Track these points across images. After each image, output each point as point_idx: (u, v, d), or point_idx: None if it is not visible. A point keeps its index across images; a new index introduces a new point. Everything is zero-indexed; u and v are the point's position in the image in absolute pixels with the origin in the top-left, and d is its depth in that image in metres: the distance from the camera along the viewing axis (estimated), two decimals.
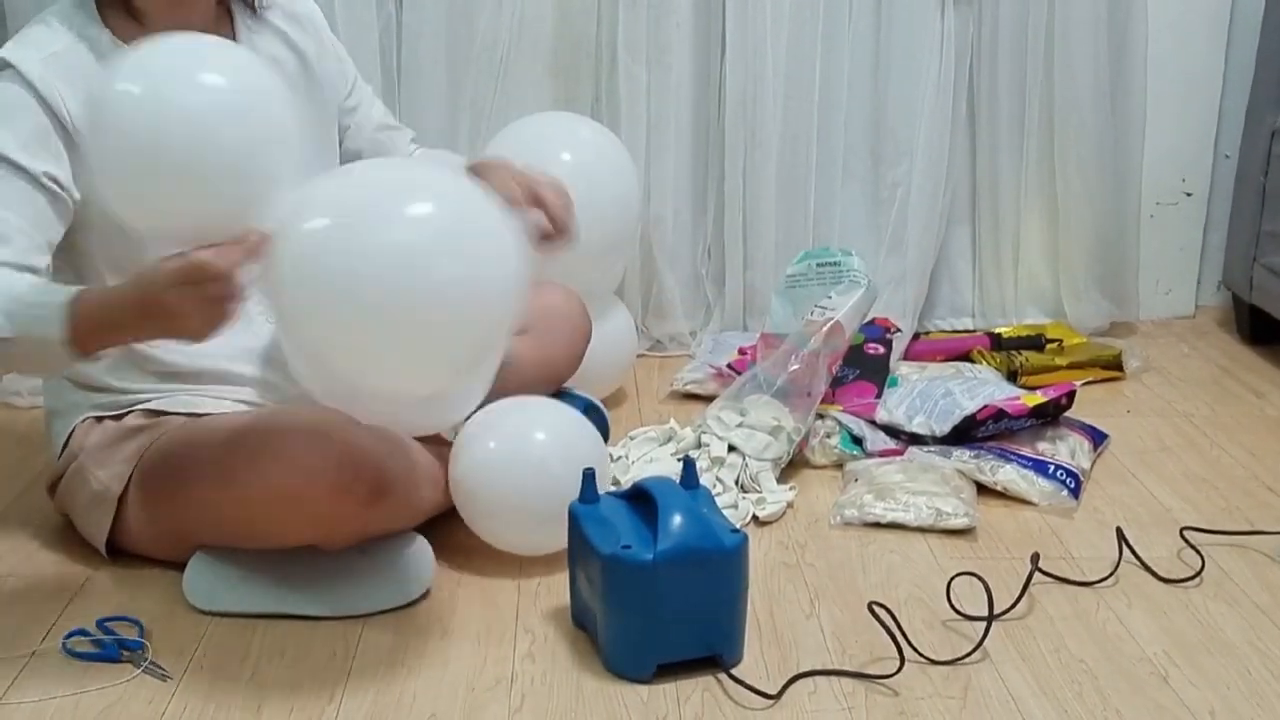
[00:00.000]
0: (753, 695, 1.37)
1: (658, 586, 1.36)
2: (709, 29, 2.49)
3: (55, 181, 1.48)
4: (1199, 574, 1.63)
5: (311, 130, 1.67)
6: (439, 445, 1.72)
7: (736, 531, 1.41)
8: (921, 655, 1.44)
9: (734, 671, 1.40)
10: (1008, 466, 1.88)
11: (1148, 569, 1.64)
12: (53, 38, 1.52)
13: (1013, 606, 1.53)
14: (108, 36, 1.54)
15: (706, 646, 1.40)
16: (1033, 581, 1.58)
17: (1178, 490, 1.91)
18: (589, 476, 1.48)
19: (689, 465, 1.51)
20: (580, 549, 1.45)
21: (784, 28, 2.46)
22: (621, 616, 1.40)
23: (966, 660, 1.44)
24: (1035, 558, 1.61)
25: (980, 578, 1.53)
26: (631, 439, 2.00)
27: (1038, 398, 1.96)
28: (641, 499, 1.45)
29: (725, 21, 2.45)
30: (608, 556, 1.37)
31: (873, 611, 1.45)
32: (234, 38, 1.65)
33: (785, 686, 1.38)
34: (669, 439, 1.99)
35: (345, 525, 1.50)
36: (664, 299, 2.54)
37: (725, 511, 1.73)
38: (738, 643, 1.43)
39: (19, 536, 1.74)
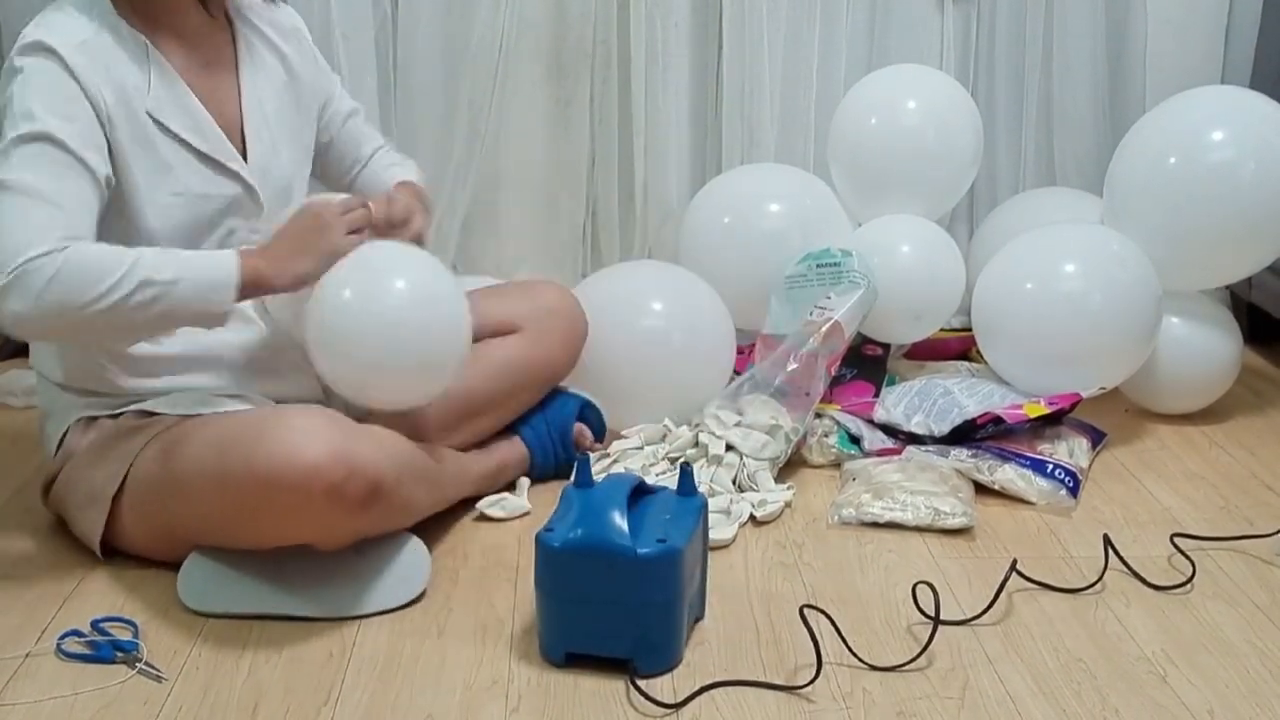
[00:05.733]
0: (749, 694, 1.37)
1: (562, 575, 1.40)
2: (706, 27, 2.49)
3: (107, 181, 1.52)
4: (1190, 580, 1.62)
5: (293, 130, 1.74)
6: (438, 447, 1.72)
7: (663, 542, 1.38)
8: (860, 659, 1.43)
9: (643, 683, 1.38)
10: (1006, 466, 1.88)
11: (1137, 576, 1.63)
12: (77, 25, 1.53)
13: (987, 609, 1.53)
14: (125, 26, 1.56)
15: (625, 649, 1.40)
16: (1021, 587, 1.59)
17: (1176, 489, 1.91)
18: (584, 462, 1.49)
19: (685, 472, 1.51)
20: None
21: (781, 26, 2.46)
22: (538, 596, 1.43)
23: (910, 667, 1.42)
24: (1014, 563, 1.59)
25: (932, 586, 1.52)
26: (624, 436, 1.99)
27: (1040, 409, 1.94)
28: (634, 492, 1.45)
29: (722, 20, 2.45)
30: (537, 535, 1.41)
31: (803, 616, 1.44)
32: (234, 41, 1.68)
33: (686, 700, 1.36)
34: (662, 437, 1.98)
35: (339, 526, 1.49)
36: None
37: (717, 515, 1.74)
38: (661, 653, 1.41)
39: (13, 537, 1.73)
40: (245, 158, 1.66)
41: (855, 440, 2.00)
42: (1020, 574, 1.59)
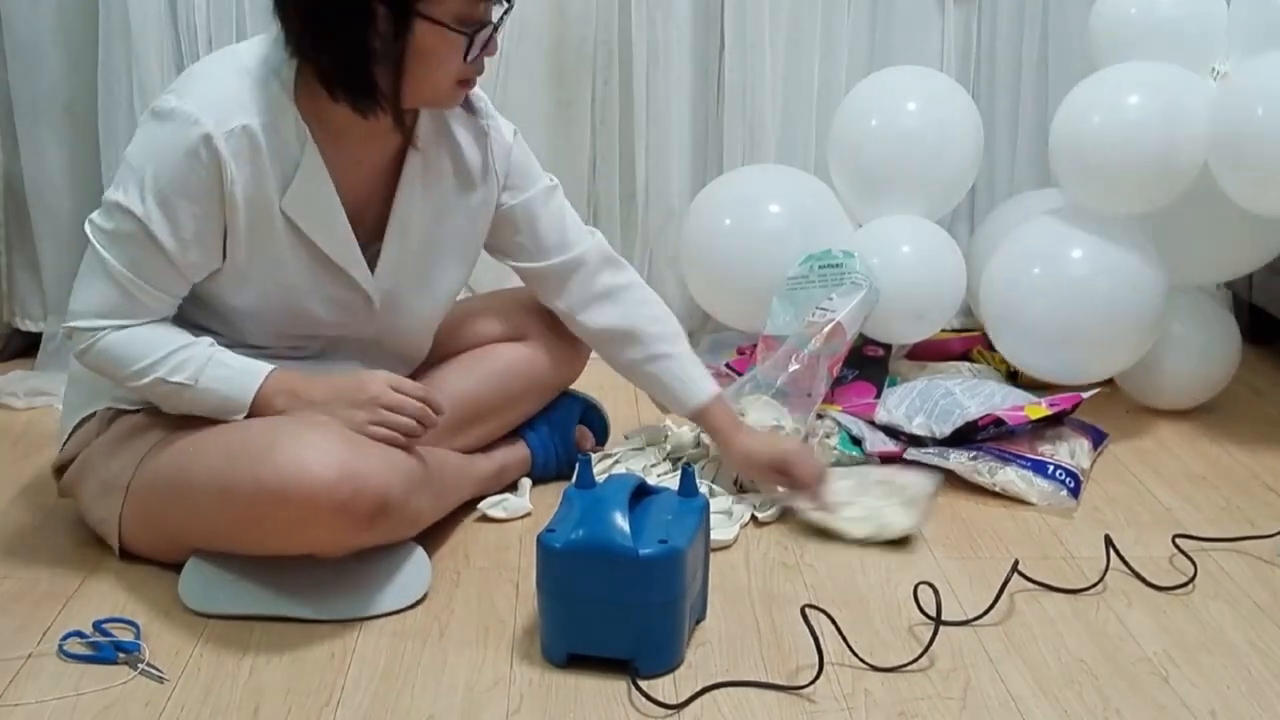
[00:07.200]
0: (751, 695, 1.37)
1: (564, 576, 1.40)
2: (708, 28, 2.49)
3: (197, 268, 1.54)
4: (1191, 581, 1.62)
5: (456, 242, 1.70)
6: (441, 450, 1.72)
7: (665, 543, 1.38)
8: (861, 660, 1.43)
9: (644, 684, 1.38)
10: (1007, 468, 1.88)
11: (1138, 577, 1.63)
12: (245, 107, 1.47)
13: (989, 610, 1.53)
14: (293, 111, 1.50)
15: (626, 650, 1.40)
16: (1023, 587, 1.59)
17: (1177, 490, 1.91)
18: (585, 463, 1.49)
19: (687, 473, 1.51)
20: None
21: (782, 27, 2.46)
22: (540, 597, 1.43)
23: (911, 667, 1.42)
24: (1015, 564, 1.59)
25: (933, 587, 1.52)
26: (626, 438, 1.99)
27: (1041, 410, 1.94)
28: (636, 493, 1.45)
29: (724, 20, 2.45)
30: (538, 536, 1.41)
31: (804, 617, 1.44)
32: (404, 145, 1.60)
33: (688, 700, 1.36)
34: (664, 438, 1.98)
35: (345, 540, 1.49)
36: (664, 299, 2.53)
37: (719, 516, 1.73)
38: (663, 653, 1.41)
39: (16, 538, 1.73)
40: (376, 263, 1.62)
41: (857, 441, 2.00)
42: (1022, 575, 1.59)
